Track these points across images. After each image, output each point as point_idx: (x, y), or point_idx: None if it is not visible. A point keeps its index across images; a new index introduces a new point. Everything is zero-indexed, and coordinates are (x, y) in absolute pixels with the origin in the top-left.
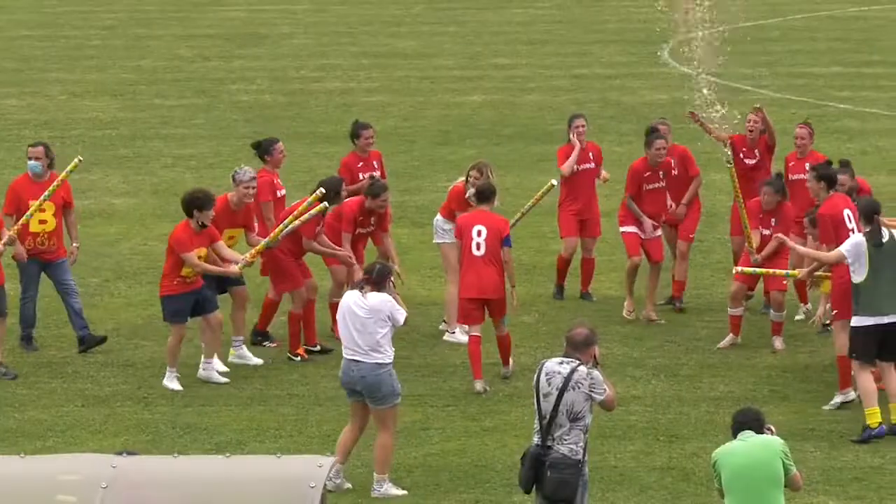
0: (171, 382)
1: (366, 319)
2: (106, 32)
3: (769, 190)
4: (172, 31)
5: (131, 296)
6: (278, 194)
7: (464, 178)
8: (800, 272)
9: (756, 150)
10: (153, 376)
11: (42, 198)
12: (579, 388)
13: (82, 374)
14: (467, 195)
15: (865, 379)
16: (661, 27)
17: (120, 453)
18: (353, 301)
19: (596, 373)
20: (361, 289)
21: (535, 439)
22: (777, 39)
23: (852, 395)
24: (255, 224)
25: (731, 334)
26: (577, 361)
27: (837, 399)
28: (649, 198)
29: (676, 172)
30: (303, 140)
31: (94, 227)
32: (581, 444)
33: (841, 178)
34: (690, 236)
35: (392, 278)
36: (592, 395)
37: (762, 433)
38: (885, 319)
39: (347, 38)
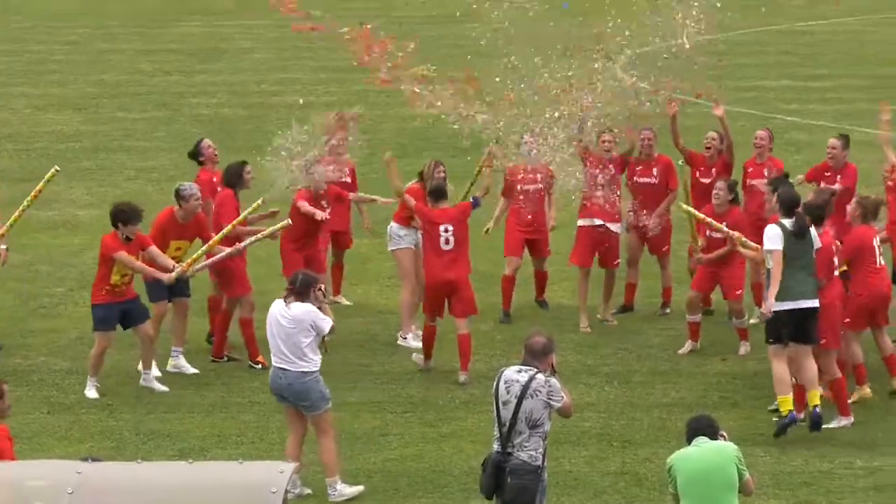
0: (90, 391)
1: (290, 329)
2: (69, 48)
3: (722, 185)
4: (134, 46)
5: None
6: (218, 189)
7: (417, 181)
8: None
9: (713, 170)
10: (118, 384)
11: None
12: (538, 395)
13: (47, 381)
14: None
15: (779, 366)
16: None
17: (85, 459)
18: (277, 311)
19: (554, 381)
20: (286, 299)
21: (496, 446)
22: (725, 53)
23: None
24: (211, 233)
25: (689, 341)
26: (535, 370)
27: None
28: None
29: (657, 182)
30: (263, 153)
31: (58, 238)
32: (540, 450)
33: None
34: (663, 249)
35: (320, 286)
36: (550, 402)
37: (716, 439)
38: (801, 304)
39: (307, 53)
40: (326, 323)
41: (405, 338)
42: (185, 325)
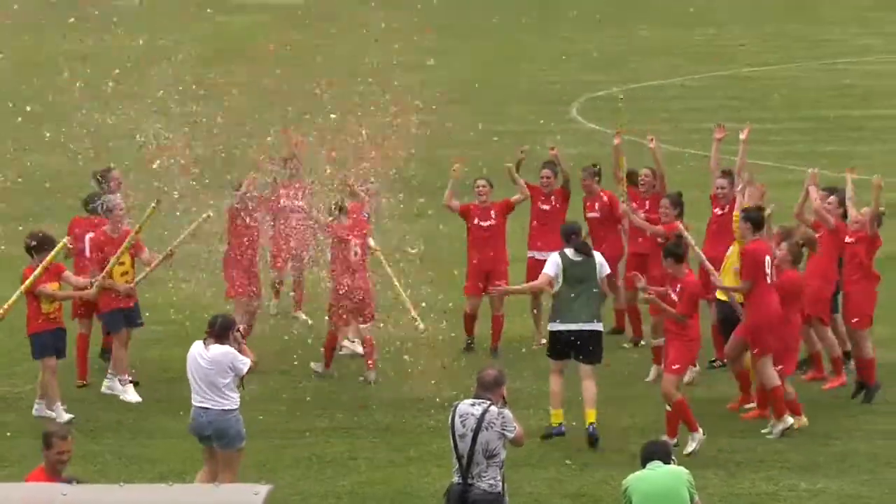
0: (62, 415)
1: (208, 370)
2: (59, 91)
3: (667, 203)
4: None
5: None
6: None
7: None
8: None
9: (552, 198)
10: (100, 409)
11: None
12: (492, 427)
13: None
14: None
15: (554, 381)
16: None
17: (69, 481)
18: (196, 352)
19: (506, 412)
20: (205, 340)
21: (456, 478)
22: (675, 97)
23: (791, 420)
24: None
25: (654, 365)
26: (489, 402)
27: (778, 427)
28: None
29: (599, 216)
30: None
31: None
32: (498, 478)
33: (720, 181)
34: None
35: (238, 328)
36: (504, 433)
37: (669, 463)
38: (574, 326)
39: (281, 99)
40: (244, 364)
41: (341, 346)
42: (125, 353)
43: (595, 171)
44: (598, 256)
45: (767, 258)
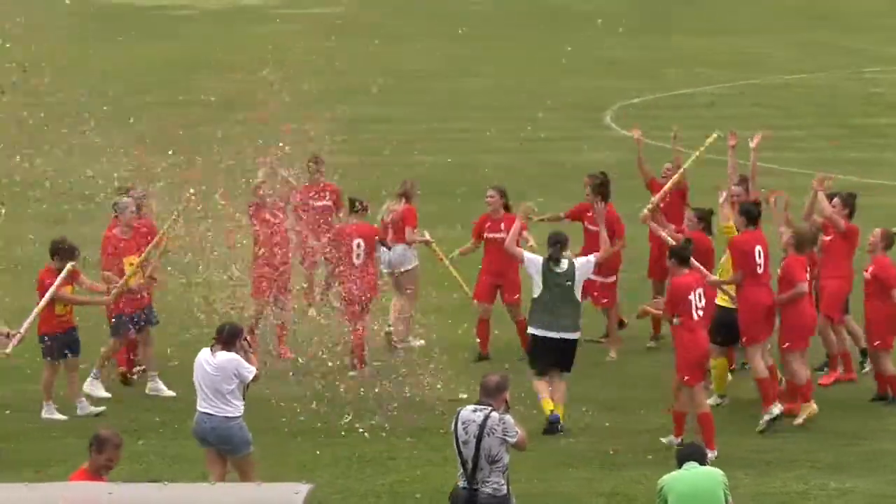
0: (53, 415)
1: (214, 376)
2: (101, 100)
3: (692, 216)
4: (161, 99)
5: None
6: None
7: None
8: None
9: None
10: (144, 410)
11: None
12: (494, 433)
13: (72, 414)
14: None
15: (540, 384)
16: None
17: (154, 482)
18: (203, 358)
19: (508, 418)
20: (212, 347)
21: (461, 482)
22: (706, 105)
23: (777, 409)
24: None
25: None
26: (490, 408)
27: (765, 417)
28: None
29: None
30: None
31: (91, 279)
32: (502, 481)
33: (736, 189)
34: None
35: (245, 336)
36: (506, 438)
37: (704, 465)
38: (551, 334)
39: (318, 105)
40: (249, 372)
41: (406, 341)
42: (151, 350)
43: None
44: (577, 263)
45: (758, 248)
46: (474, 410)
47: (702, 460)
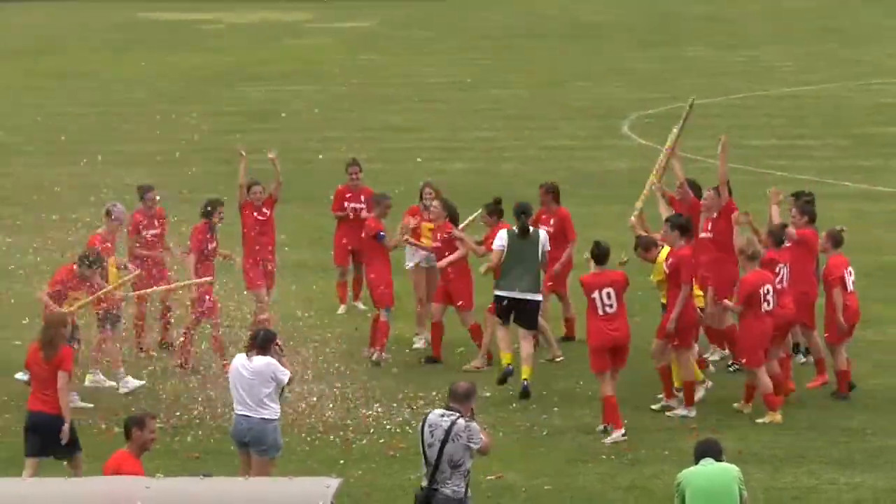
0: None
1: (251, 380)
2: (139, 109)
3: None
4: (197, 109)
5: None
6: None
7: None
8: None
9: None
10: (181, 407)
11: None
12: (458, 440)
13: (116, 406)
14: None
15: (501, 331)
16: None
17: (195, 475)
18: (240, 364)
19: (473, 425)
20: (248, 352)
21: (424, 482)
22: (720, 115)
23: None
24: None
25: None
26: (458, 414)
27: (681, 412)
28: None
29: (553, 231)
30: (311, 202)
31: None
32: (462, 484)
33: (707, 193)
34: (562, 291)
35: (277, 342)
36: (470, 445)
37: (721, 460)
38: (511, 294)
39: (348, 114)
40: (285, 375)
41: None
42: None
43: (550, 188)
44: (541, 234)
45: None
46: (442, 415)
47: (718, 456)
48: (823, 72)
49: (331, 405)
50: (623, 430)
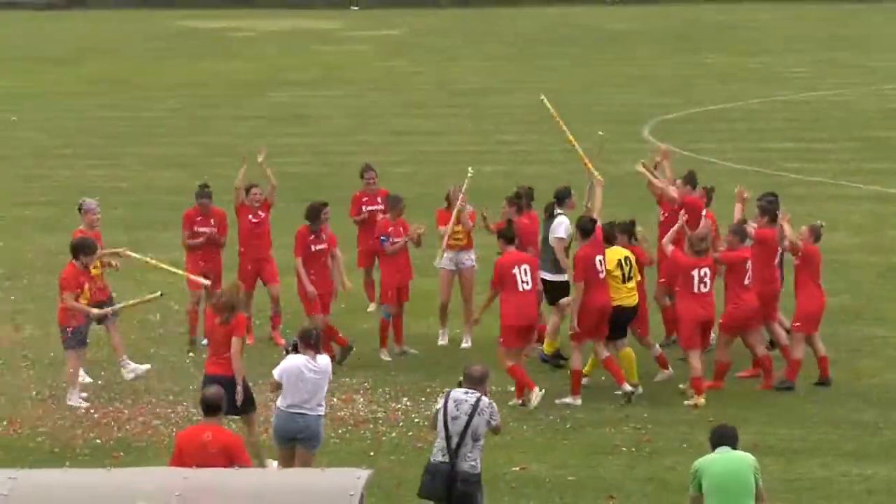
0: (75, 401)
1: (317, 380)
2: (175, 113)
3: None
4: (231, 113)
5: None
6: (196, 230)
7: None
8: None
9: None
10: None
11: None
12: (483, 415)
13: (158, 400)
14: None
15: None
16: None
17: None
18: (302, 364)
19: (494, 404)
20: (306, 352)
21: (440, 457)
22: (738, 120)
23: (628, 386)
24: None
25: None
26: (479, 393)
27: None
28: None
29: None
30: (342, 204)
31: (169, 277)
32: (478, 460)
33: (682, 188)
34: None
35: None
36: (491, 421)
37: (736, 448)
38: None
39: (377, 119)
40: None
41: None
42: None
43: (513, 200)
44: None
45: (598, 258)
46: (465, 392)
47: (733, 443)
48: (837, 77)
49: (361, 399)
50: (540, 390)
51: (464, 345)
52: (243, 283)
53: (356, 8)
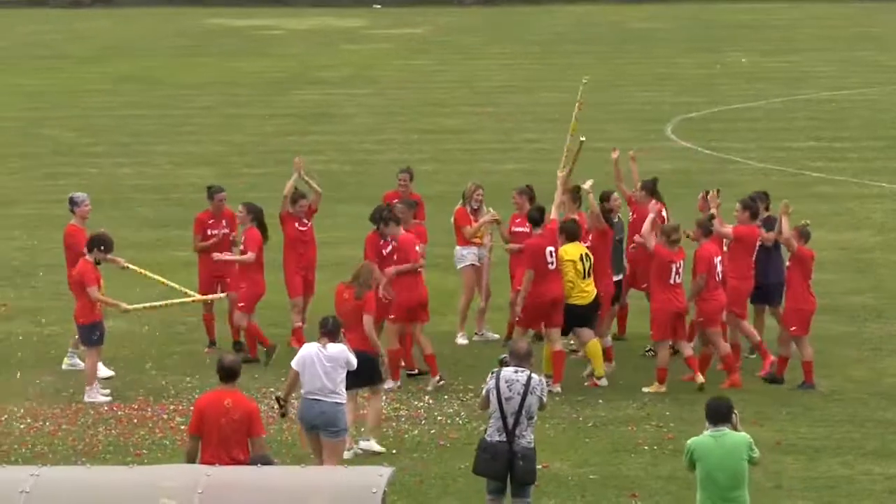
0: (96, 397)
1: (328, 366)
2: (203, 111)
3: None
4: (259, 111)
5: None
6: (209, 232)
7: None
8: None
9: None
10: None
11: None
12: (535, 393)
13: (182, 396)
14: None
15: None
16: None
17: (255, 462)
18: (314, 351)
19: (544, 381)
20: (320, 340)
21: (497, 436)
22: (761, 119)
23: (603, 380)
24: None
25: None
26: (528, 371)
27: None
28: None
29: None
30: (366, 202)
31: (194, 275)
32: (532, 436)
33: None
34: None
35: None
36: (542, 399)
37: (731, 421)
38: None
39: (402, 117)
40: (354, 359)
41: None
42: None
43: (523, 191)
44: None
45: (549, 249)
46: (515, 371)
47: (729, 417)
48: (860, 76)
49: (384, 397)
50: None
51: (460, 342)
52: (290, 289)
53: (379, 6)
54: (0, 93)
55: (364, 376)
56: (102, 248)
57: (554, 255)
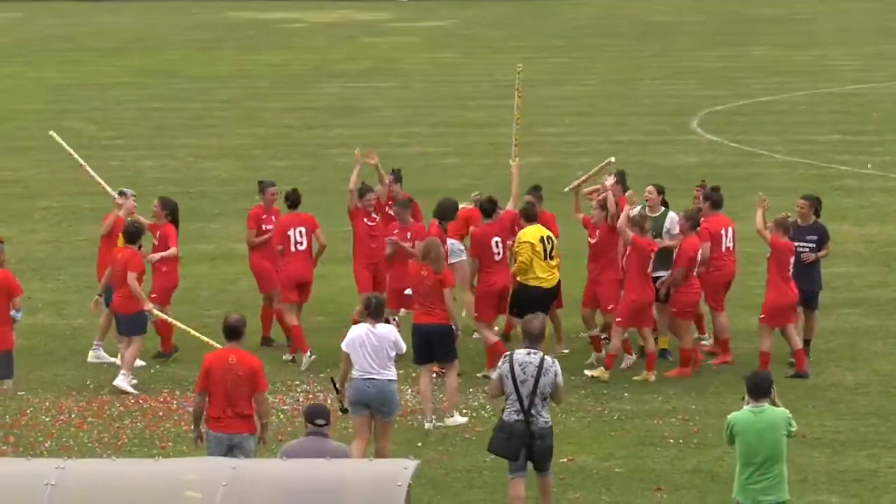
0: (125, 384)
1: (377, 346)
2: (225, 104)
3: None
4: (281, 105)
5: (249, 324)
6: (263, 227)
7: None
8: None
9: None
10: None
11: None
12: (548, 374)
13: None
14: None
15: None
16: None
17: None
18: (364, 331)
19: (557, 362)
20: (367, 319)
21: (515, 416)
22: (785, 112)
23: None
24: None
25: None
26: (541, 353)
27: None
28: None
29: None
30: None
31: (217, 268)
32: (548, 415)
33: (528, 198)
34: None
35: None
36: (556, 379)
37: (770, 395)
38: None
39: (426, 111)
40: (402, 344)
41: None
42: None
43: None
44: None
45: (495, 240)
46: (528, 353)
47: (768, 392)
48: (885, 70)
49: (409, 390)
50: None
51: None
52: (359, 285)
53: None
54: (23, 86)
55: (443, 350)
56: (137, 240)
57: (500, 245)
